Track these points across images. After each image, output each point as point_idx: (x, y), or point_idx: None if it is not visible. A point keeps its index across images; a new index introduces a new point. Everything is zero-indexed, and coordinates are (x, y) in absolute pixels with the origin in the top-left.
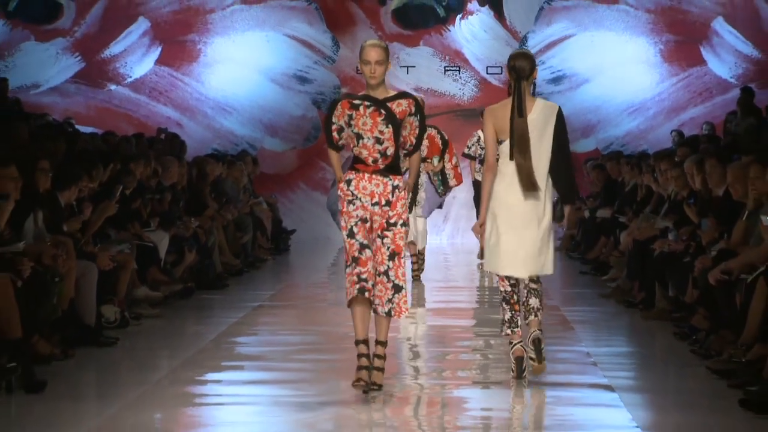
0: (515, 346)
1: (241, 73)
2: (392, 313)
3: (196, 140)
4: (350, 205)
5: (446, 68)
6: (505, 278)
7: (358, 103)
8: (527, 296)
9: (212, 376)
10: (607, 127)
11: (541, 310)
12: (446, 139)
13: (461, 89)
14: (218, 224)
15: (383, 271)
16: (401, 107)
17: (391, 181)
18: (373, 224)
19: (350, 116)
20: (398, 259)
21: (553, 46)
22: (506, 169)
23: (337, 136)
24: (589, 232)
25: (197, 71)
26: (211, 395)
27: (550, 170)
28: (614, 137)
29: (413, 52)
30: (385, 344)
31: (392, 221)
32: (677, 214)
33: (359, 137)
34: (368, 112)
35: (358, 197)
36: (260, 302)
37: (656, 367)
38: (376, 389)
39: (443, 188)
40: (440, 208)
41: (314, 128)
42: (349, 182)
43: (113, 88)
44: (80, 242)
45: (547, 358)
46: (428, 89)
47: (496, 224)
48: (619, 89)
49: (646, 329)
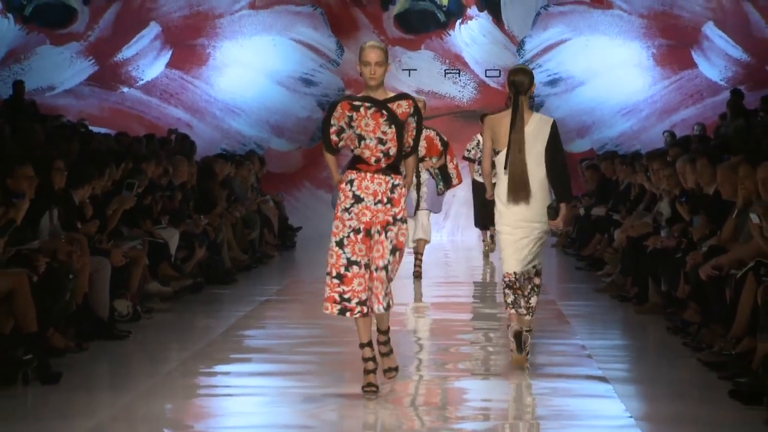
0: (513, 326)
1: (248, 75)
2: (391, 304)
3: (205, 140)
4: (346, 213)
5: (446, 71)
6: (511, 273)
7: (358, 104)
8: (530, 293)
9: (221, 367)
10: (601, 128)
11: (535, 309)
12: (445, 140)
13: (461, 91)
14: (227, 221)
15: (383, 265)
16: (402, 108)
17: (392, 179)
18: (374, 221)
19: (351, 117)
20: (399, 254)
21: (549, 50)
22: (505, 178)
23: (336, 138)
24: (584, 229)
25: (207, 74)
26: (220, 386)
27: (547, 174)
28: (608, 138)
29: (415, 55)
30: (386, 332)
31: (398, 217)
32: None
33: (361, 138)
34: (369, 113)
35: (361, 198)
36: (267, 297)
37: (649, 359)
38: (394, 372)
39: (443, 185)
40: (438, 212)
41: (319, 129)
42: (351, 182)
43: (125, 90)
44: (94, 238)
45: (543, 351)
46: (429, 91)
47: (503, 224)
48: (613, 91)
49: (639, 323)
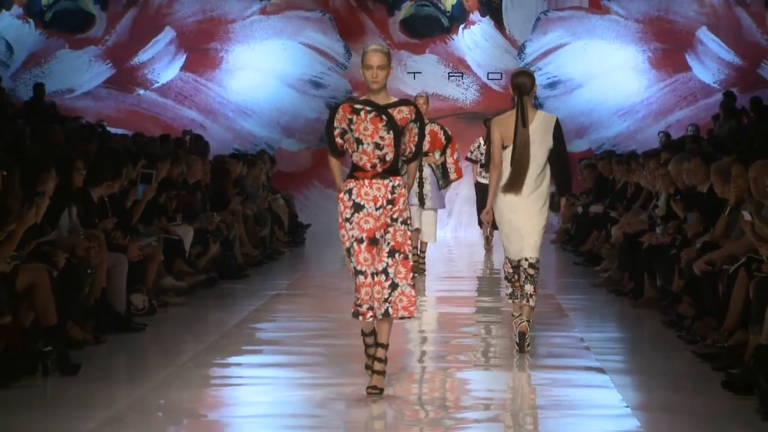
0: (521, 323)
1: (260, 78)
2: (390, 312)
3: (218, 141)
4: (348, 223)
5: (450, 74)
6: (508, 262)
7: (359, 107)
8: (524, 282)
9: (234, 359)
10: (599, 128)
11: (533, 296)
12: (449, 135)
13: (464, 94)
14: (239, 219)
15: (381, 269)
16: (402, 114)
17: (391, 181)
18: (377, 225)
19: (351, 120)
20: (398, 256)
21: (549, 53)
22: (509, 170)
23: (340, 140)
24: (582, 226)
25: (219, 77)
26: (232, 377)
27: (551, 168)
28: (606, 138)
29: (419, 59)
30: (386, 347)
31: (394, 217)
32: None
33: (359, 142)
34: (369, 117)
35: (362, 205)
36: (278, 291)
37: (645, 351)
38: (376, 393)
39: (444, 181)
40: (443, 207)
41: None
42: (350, 191)
43: (142, 92)
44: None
45: (543, 343)
46: (433, 93)
47: (503, 217)
48: (610, 94)
49: (635, 316)
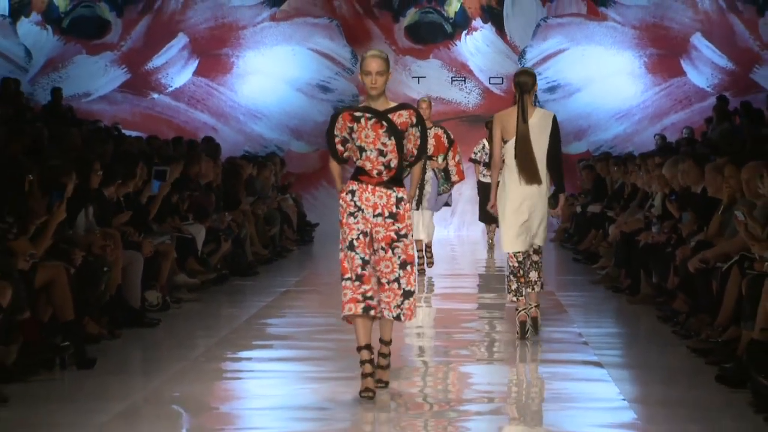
0: (520, 312)
1: (269, 83)
2: (402, 318)
3: (229, 143)
4: (351, 217)
5: (453, 79)
6: (513, 255)
7: (359, 115)
8: (529, 269)
9: (244, 353)
10: (597, 131)
11: (538, 282)
12: (452, 138)
13: (466, 97)
14: (249, 218)
15: (393, 279)
16: (402, 118)
17: (395, 193)
18: (374, 235)
19: (351, 129)
20: (410, 267)
21: (548, 59)
22: (512, 163)
23: (341, 148)
24: (580, 225)
25: (231, 81)
26: (243, 370)
27: (546, 163)
28: (603, 140)
29: (423, 64)
30: (389, 343)
31: (402, 233)
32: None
33: (362, 150)
34: (369, 124)
35: (360, 209)
36: (287, 288)
37: (641, 346)
38: (382, 386)
39: (446, 185)
40: (448, 205)
41: None
42: (352, 192)
43: (156, 96)
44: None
45: (543, 338)
46: (437, 97)
47: (505, 210)
48: (607, 97)
49: (632, 312)
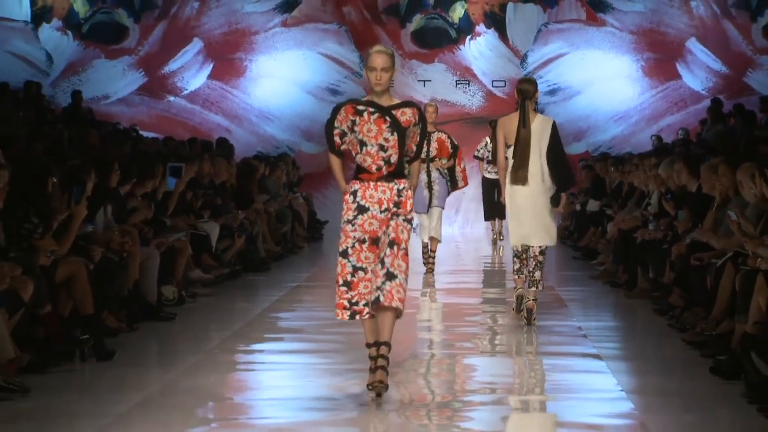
0: (518, 289)
1: (281, 86)
2: (381, 299)
3: (242, 144)
4: (349, 225)
5: (457, 82)
6: (516, 248)
7: (362, 108)
8: (534, 268)
9: (257, 346)
10: (595, 132)
11: (540, 282)
12: (456, 144)
13: (470, 100)
14: (262, 216)
15: (380, 259)
16: (406, 116)
17: (396, 185)
18: (382, 227)
19: (353, 122)
20: (397, 249)
21: (549, 62)
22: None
23: (339, 140)
24: (580, 222)
25: (244, 85)
26: (256, 362)
27: (549, 166)
28: (602, 141)
29: (429, 68)
30: (388, 345)
31: (398, 214)
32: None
33: (363, 144)
34: (373, 118)
35: (366, 207)
36: (298, 283)
37: (638, 338)
38: (381, 386)
39: (451, 186)
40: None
41: None
42: (355, 193)
43: (172, 99)
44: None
45: (544, 331)
46: (442, 100)
47: (512, 208)
48: (606, 100)
49: (629, 306)
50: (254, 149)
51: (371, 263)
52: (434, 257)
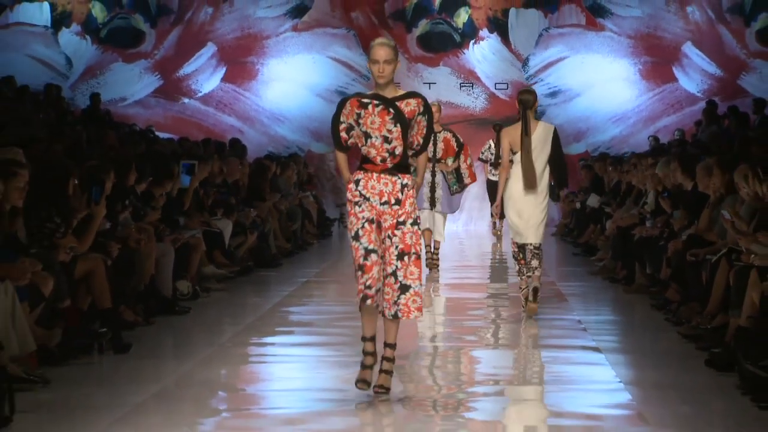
0: (523, 290)
1: (291, 88)
2: (399, 315)
3: (254, 144)
4: (357, 206)
5: (461, 84)
6: (515, 243)
7: (366, 101)
8: (530, 259)
9: (269, 339)
10: (595, 133)
11: (539, 268)
12: (461, 142)
13: (474, 102)
14: (273, 214)
15: (391, 272)
16: (410, 106)
17: (399, 179)
18: (382, 224)
19: (359, 115)
20: (408, 258)
21: (550, 66)
22: (517, 171)
23: (345, 135)
24: (580, 220)
25: (256, 87)
26: (267, 355)
27: (549, 168)
28: (601, 142)
29: (434, 71)
30: (393, 347)
31: (401, 220)
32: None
33: (367, 136)
34: (377, 110)
35: (366, 197)
36: (308, 278)
37: (636, 332)
38: (383, 392)
39: (458, 186)
40: (452, 212)
41: None
42: (357, 182)
43: (186, 101)
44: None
45: (545, 324)
46: (446, 102)
47: (510, 208)
48: (605, 102)
49: (627, 301)
50: (266, 149)
51: (378, 245)
52: (438, 255)
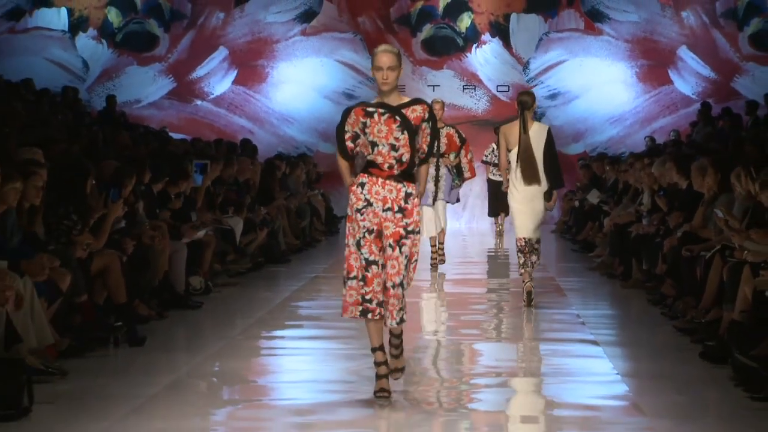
0: (526, 283)
1: (300, 91)
2: (405, 318)
3: (264, 144)
4: (359, 214)
5: (464, 87)
6: (521, 238)
7: (372, 110)
8: (530, 253)
9: (278, 332)
10: (593, 134)
11: (537, 263)
12: (464, 137)
13: (476, 104)
14: (283, 212)
15: (399, 282)
16: (416, 113)
17: (405, 187)
18: (384, 231)
19: (365, 124)
20: (410, 265)
21: (550, 69)
22: (516, 167)
23: (351, 144)
24: (578, 217)
25: (266, 89)
26: (277, 348)
27: (543, 167)
28: (599, 142)
29: (438, 74)
30: (399, 335)
31: (409, 229)
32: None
33: (374, 145)
34: (383, 119)
35: (370, 202)
36: (316, 273)
37: (633, 326)
38: (400, 374)
39: (458, 180)
40: (458, 200)
41: None
42: (362, 185)
43: (199, 103)
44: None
45: (544, 318)
46: (449, 103)
47: (513, 205)
48: (603, 104)
49: (624, 296)
50: (275, 149)
51: (378, 257)
52: (443, 248)
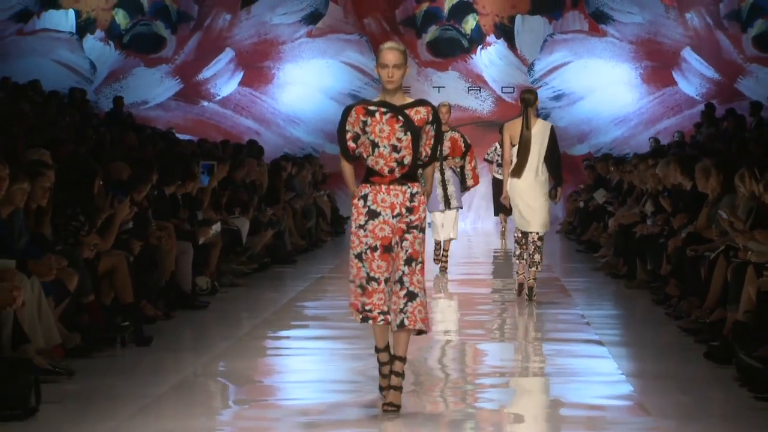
0: (520, 275)
1: (306, 92)
2: (406, 323)
3: (271, 146)
4: (361, 230)
5: (469, 88)
6: (518, 230)
7: (373, 109)
8: (533, 252)
9: (284, 332)
10: (597, 135)
11: (540, 263)
12: (468, 143)
13: (481, 105)
14: (289, 212)
15: (398, 278)
16: (420, 115)
17: (409, 188)
18: (395, 236)
19: (365, 123)
20: (415, 265)
21: (554, 70)
22: (519, 163)
23: (352, 144)
24: (583, 218)
25: (272, 91)
26: (283, 348)
27: (546, 163)
28: (603, 143)
29: (443, 75)
30: (403, 360)
31: (413, 225)
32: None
33: (375, 145)
34: (385, 118)
35: (377, 212)
36: (322, 274)
37: (637, 326)
38: (393, 410)
39: (462, 186)
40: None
41: None
42: (365, 197)
43: (205, 104)
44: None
45: (549, 319)
46: (455, 105)
47: (514, 199)
48: (607, 105)
49: (629, 296)
50: (282, 150)
51: (384, 273)
52: (447, 256)
